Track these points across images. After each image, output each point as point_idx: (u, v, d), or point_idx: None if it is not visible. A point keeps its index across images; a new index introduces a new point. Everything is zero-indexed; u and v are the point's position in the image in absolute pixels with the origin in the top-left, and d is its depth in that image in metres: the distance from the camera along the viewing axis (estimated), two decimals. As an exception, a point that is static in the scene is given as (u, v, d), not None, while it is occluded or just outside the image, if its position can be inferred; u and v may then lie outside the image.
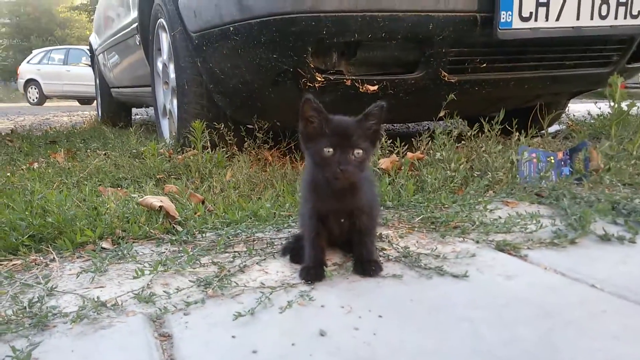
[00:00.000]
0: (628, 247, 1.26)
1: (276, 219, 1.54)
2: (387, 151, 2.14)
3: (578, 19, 2.30)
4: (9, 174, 2.25)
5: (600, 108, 3.78)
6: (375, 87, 2.30)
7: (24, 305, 0.99)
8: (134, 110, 6.98)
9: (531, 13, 2.21)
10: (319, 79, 2.24)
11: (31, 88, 16.10)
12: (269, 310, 0.98)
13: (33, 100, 16.10)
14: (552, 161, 2.03)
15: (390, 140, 2.21)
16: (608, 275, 1.09)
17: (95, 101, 16.07)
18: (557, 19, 2.26)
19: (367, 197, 1.16)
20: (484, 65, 2.38)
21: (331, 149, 1.06)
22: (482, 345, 0.84)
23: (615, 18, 2.36)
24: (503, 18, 2.16)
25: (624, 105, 2.13)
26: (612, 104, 2.08)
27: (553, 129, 3.83)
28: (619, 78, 2.12)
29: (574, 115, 3.99)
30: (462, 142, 2.23)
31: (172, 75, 3.02)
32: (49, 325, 0.93)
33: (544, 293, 1.03)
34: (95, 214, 1.54)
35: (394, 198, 1.70)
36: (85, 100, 15.64)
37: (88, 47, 7.23)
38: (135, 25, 3.74)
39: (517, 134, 2.20)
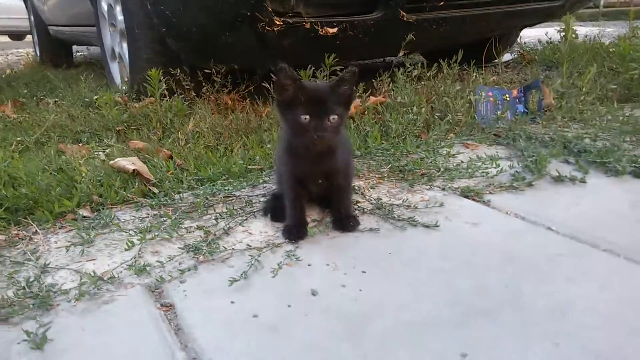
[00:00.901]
0: (579, 187, 1.39)
1: (249, 176, 1.58)
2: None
3: (532, -47, 2.32)
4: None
5: (550, 38, 3.89)
6: (335, 30, 2.29)
7: (22, 285, 1.02)
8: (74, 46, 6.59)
9: (487, -51, 2.22)
10: (278, 22, 2.20)
11: (-47, 23, 14.81)
12: (260, 273, 1.05)
13: (-43, 36, 14.86)
14: (508, 99, 2.12)
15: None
16: (562, 218, 1.21)
17: (27, 36, 14.88)
18: (512, -46, 2.28)
19: (343, 157, 1.22)
20: (442, 3, 2.39)
21: (307, 116, 1.10)
22: (457, 295, 0.94)
23: (567, -49, 2.40)
24: (459, -44, 2.16)
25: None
26: (563, 38, 2.16)
27: (506, 57, 3.93)
28: (571, 18, 2.18)
29: (525, 43, 4.08)
30: (422, 83, 2.29)
31: (120, 17, 2.88)
32: (53, 304, 0.97)
33: (507, 239, 1.14)
34: (67, 179, 1.54)
35: (361, 146, 1.76)
36: (16, 36, 14.54)
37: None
38: (72, -40, 3.49)
39: (475, 74, 2.27)
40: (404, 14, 2.33)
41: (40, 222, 1.33)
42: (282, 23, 2.20)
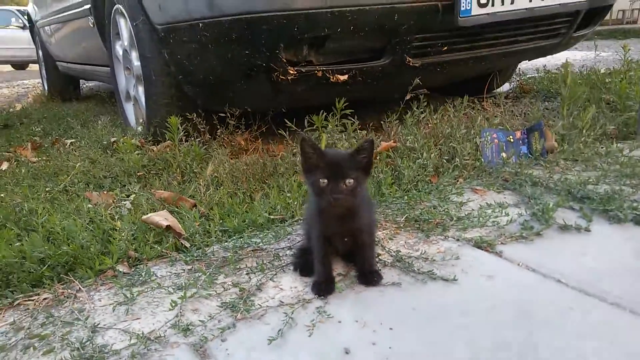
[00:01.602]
0: (585, 236, 1.49)
1: (273, 226, 1.68)
2: (361, 140, 2.27)
3: (530, 0, 2.46)
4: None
5: (546, 68, 4.02)
6: (345, 77, 2.42)
7: (76, 346, 1.11)
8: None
9: (488, -1, 2.35)
10: (291, 72, 2.33)
11: (-42, 53, 15.07)
12: (295, 330, 1.14)
13: (-39, 66, 15.11)
14: (512, 140, 2.23)
15: (359, 124, 2.32)
16: (570, 269, 1.31)
17: (29, 65, 15.05)
18: (512, 2, 2.42)
19: (366, 217, 1.32)
20: (445, 48, 2.52)
21: (325, 180, 1.20)
22: (480, 353, 1.03)
23: (564, -4, 2.54)
24: (463, 6, 2.30)
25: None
26: (564, 86, 2.28)
27: (504, 88, 4.07)
28: (570, 64, 2.30)
29: (522, 73, 4.22)
30: (429, 125, 2.40)
31: (136, 63, 3.00)
32: (107, 365, 1.06)
33: (520, 292, 1.23)
34: (101, 232, 1.64)
35: (375, 193, 1.86)
36: (19, 65, 14.79)
37: (26, 15, 6.82)
38: (87, 6, 3.63)
39: (480, 117, 2.38)
40: (410, 59, 2.46)
41: (82, 279, 1.42)
42: (295, 72, 2.32)
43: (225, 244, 1.59)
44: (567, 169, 1.99)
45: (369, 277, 1.31)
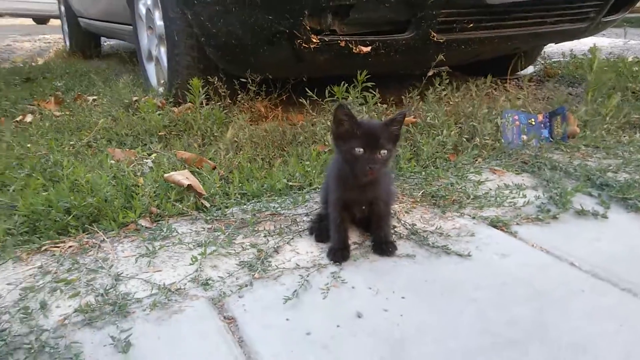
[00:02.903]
0: (601, 222, 1.50)
1: (291, 193, 1.71)
2: (382, 114, 2.28)
3: (562, -19, 2.41)
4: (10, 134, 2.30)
5: (574, 53, 3.95)
6: (368, 48, 2.40)
7: (100, 292, 1.16)
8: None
9: (519, -23, 2.31)
10: (314, 40, 2.32)
11: (-21, 4, 15.05)
12: (309, 292, 1.18)
13: (-18, 17, 15.11)
14: (533, 123, 2.22)
15: (380, 98, 2.32)
16: (584, 253, 1.32)
17: (50, 20, 15.02)
18: (543, -18, 2.37)
19: (386, 187, 1.34)
20: (471, 25, 2.49)
21: (362, 149, 1.22)
22: (490, 326, 1.06)
23: (596, -21, 2.48)
24: (493, -17, 2.25)
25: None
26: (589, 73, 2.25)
27: (528, 70, 4.01)
28: (597, 49, 2.27)
29: (547, 57, 4.15)
30: (450, 102, 2.39)
31: (159, 22, 3.00)
32: (129, 312, 1.10)
33: (533, 272, 1.25)
34: (124, 188, 1.67)
35: (393, 166, 1.87)
36: (40, 20, 14.76)
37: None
38: (113, -37, 3.62)
39: (502, 97, 2.36)
40: (435, 34, 2.43)
41: (105, 231, 1.46)
42: (318, 40, 2.31)
43: (244, 206, 1.62)
44: (588, 155, 1.99)
45: (383, 247, 1.34)
